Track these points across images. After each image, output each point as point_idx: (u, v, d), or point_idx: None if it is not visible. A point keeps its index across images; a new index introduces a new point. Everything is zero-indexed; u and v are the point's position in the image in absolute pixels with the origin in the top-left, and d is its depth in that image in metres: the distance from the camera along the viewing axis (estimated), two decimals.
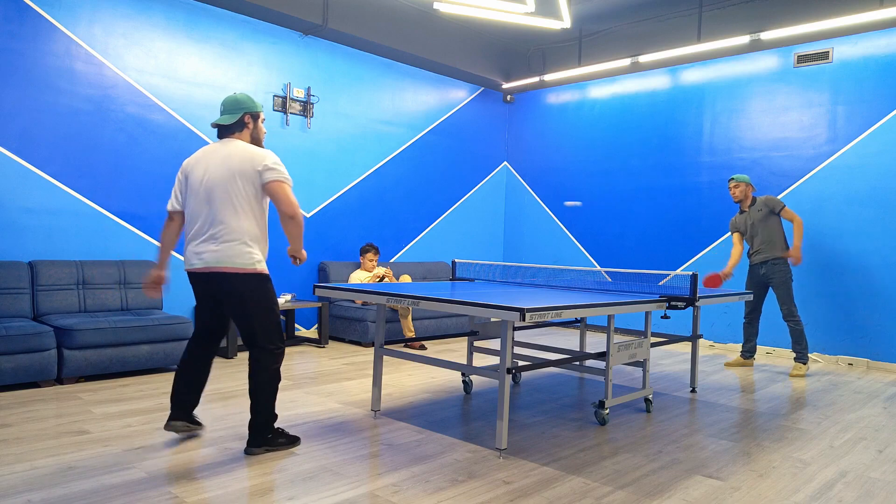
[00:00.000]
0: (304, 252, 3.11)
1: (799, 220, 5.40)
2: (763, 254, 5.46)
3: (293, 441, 3.19)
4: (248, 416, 3.69)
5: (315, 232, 6.63)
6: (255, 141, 3.19)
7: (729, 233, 5.80)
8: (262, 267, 3.06)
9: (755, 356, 6.09)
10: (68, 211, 5.01)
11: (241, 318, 3.05)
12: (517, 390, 4.57)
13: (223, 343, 5.86)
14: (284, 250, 6.35)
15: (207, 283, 3.08)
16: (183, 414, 3.24)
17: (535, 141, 8.45)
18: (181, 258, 5.64)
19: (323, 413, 3.82)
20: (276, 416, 3.13)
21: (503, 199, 8.77)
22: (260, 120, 3.21)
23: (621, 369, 5.43)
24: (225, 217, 2.98)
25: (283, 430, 3.20)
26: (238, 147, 3.05)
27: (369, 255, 6.42)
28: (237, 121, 3.13)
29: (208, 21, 5.74)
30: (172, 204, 3.18)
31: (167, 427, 3.20)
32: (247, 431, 3.40)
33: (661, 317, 3.87)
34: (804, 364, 5.38)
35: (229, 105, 3.13)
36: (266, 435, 3.09)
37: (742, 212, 5.63)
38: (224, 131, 3.15)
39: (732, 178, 5.57)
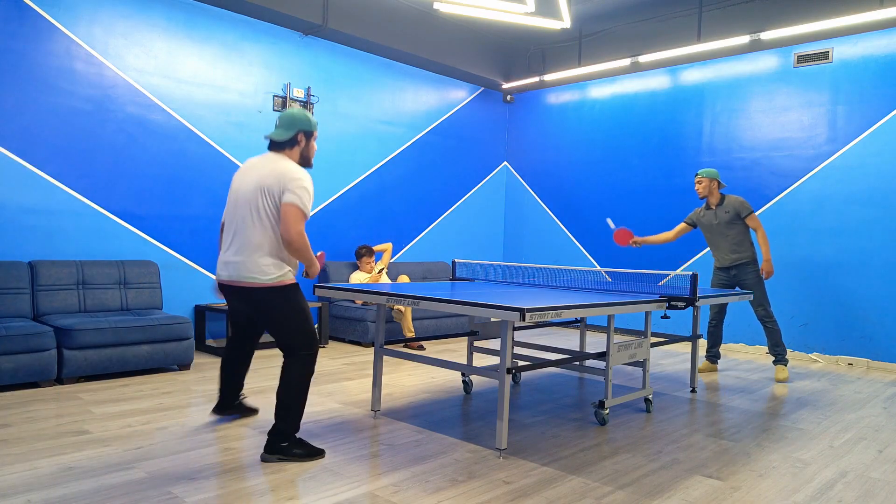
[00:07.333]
0: (314, 267, 3.10)
1: (763, 230, 5.20)
2: (733, 255, 5.23)
3: (313, 454, 3.04)
4: (250, 416, 3.69)
5: (315, 232, 6.63)
6: (305, 159, 3.18)
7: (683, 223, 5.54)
8: (283, 279, 3.02)
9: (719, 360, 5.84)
10: (68, 211, 5.01)
11: (269, 328, 3.10)
12: (517, 390, 4.57)
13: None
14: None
15: (234, 294, 3.12)
16: (225, 401, 3.57)
17: (535, 141, 8.45)
18: (179, 257, 5.64)
19: (323, 413, 3.82)
20: (297, 427, 3.05)
21: (503, 199, 8.77)
22: (313, 138, 3.20)
23: (621, 369, 5.43)
24: (247, 230, 3.01)
25: (303, 441, 3.08)
26: (279, 163, 3.02)
27: (365, 259, 6.40)
28: (290, 138, 3.12)
29: (208, 21, 5.74)
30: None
31: (212, 412, 3.59)
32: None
33: (661, 317, 3.87)
34: (785, 365, 5.21)
35: (285, 121, 3.13)
36: (282, 443, 3.01)
37: (708, 208, 5.31)
38: (275, 146, 3.14)
39: (698, 174, 5.28)
